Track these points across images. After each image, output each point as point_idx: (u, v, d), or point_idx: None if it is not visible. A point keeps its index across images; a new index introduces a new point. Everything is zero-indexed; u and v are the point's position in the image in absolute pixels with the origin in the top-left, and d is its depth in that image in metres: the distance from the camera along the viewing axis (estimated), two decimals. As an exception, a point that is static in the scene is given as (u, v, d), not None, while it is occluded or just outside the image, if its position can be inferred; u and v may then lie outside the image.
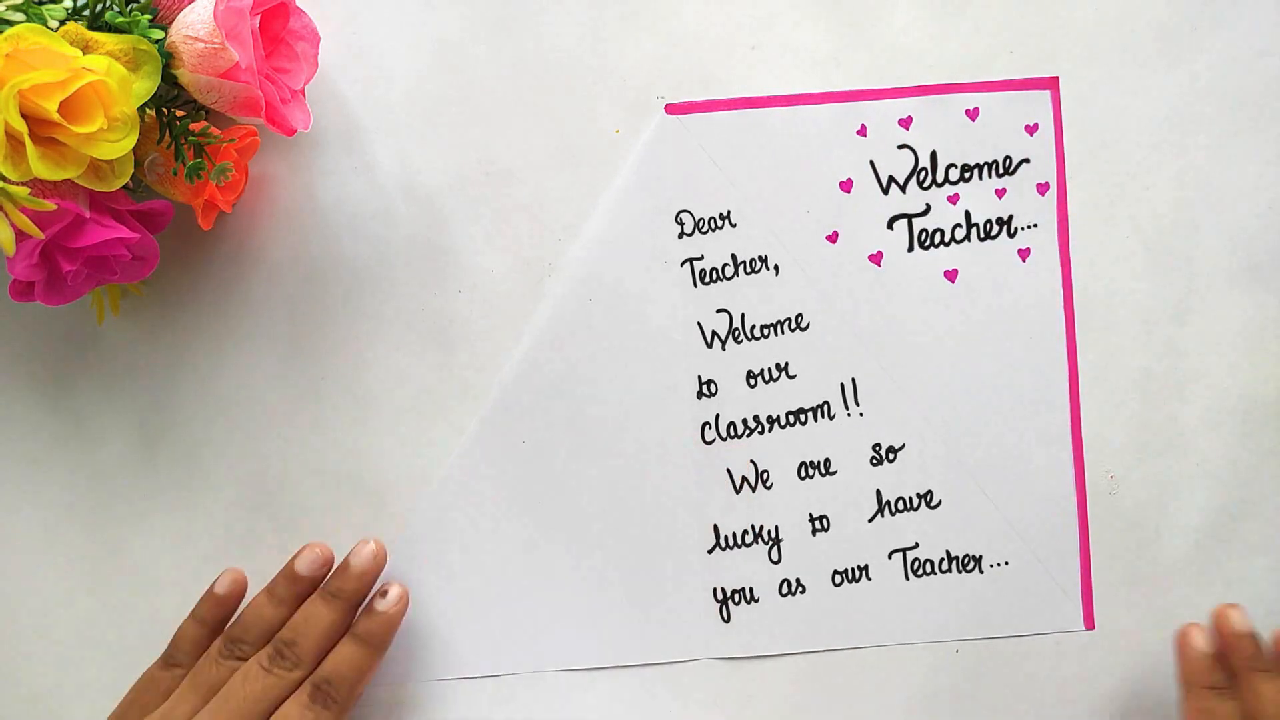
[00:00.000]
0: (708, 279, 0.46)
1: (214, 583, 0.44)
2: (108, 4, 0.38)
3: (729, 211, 0.46)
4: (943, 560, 0.46)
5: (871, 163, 0.46)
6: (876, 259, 0.46)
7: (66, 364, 0.46)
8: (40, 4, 0.37)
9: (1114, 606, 0.47)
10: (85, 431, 0.47)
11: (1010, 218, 0.46)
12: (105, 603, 0.47)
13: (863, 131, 0.46)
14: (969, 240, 0.46)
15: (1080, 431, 0.46)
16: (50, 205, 0.36)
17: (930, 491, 0.46)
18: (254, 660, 0.41)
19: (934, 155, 0.46)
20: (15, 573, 0.47)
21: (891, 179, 0.46)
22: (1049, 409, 0.46)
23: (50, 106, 0.33)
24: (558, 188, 0.46)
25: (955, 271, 0.46)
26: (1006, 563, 0.46)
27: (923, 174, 0.46)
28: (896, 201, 0.46)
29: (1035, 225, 0.46)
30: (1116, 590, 0.47)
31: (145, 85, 0.37)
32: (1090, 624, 0.46)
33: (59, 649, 0.47)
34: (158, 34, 0.38)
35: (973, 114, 0.46)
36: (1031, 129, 0.46)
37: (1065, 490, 0.46)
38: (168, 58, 0.38)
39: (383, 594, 0.43)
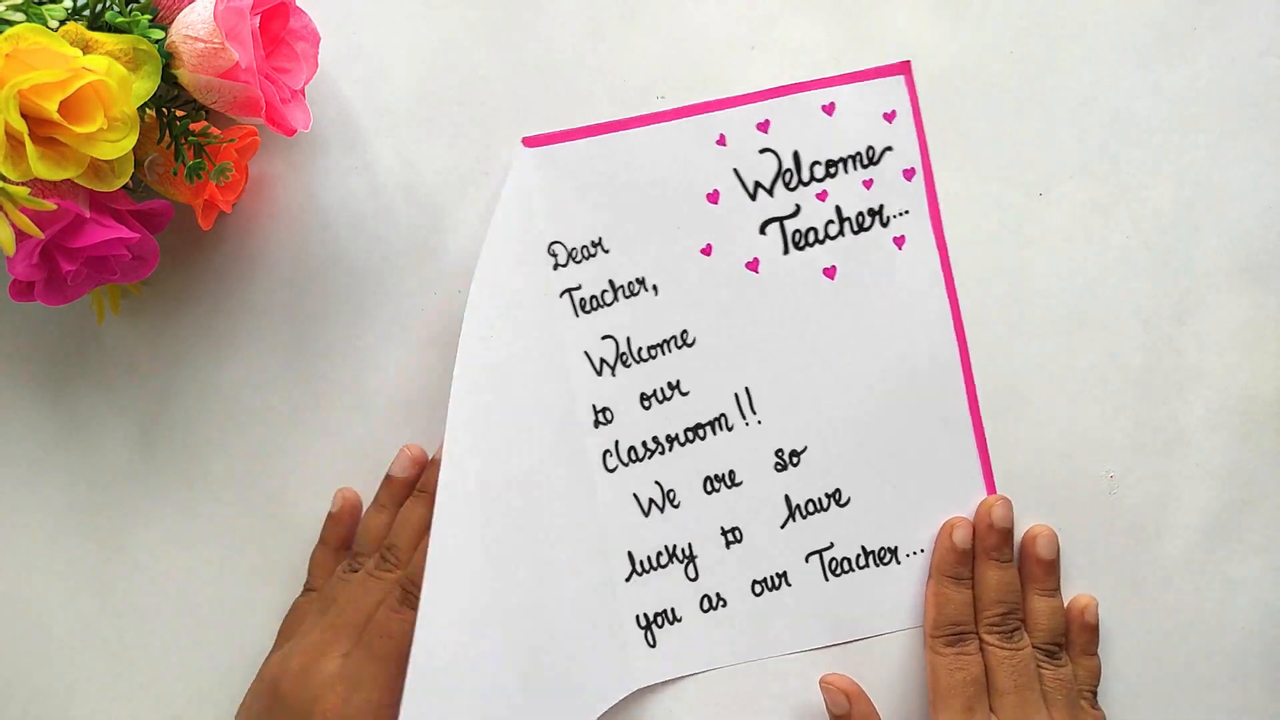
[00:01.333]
0: (588, 307, 0.46)
1: (331, 509, 0.45)
2: (108, 4, 0.38)
3: (600, 238, 0.46)
4: (859, 556, 0.46)
5: (735, 171, 0.46)
6: (754, 266, 0.46)
7: (66, 364, 0.46)
8: (40, 4, 0.37)
9: (1114, 606, 0.47)
10: (85, 431, 0.47)
11: (881, 207, 0.46)
12: (105, 603, 0.47)
13: (722, 141, 0.46)
14: (843, 235, 0.46)
15: (978, 409, 0.46)
16: (50, 205, 0.36)
17: (838, 490, 0.46)
18: (364, 569, 0.43)
19: (796, 156, 0.46)
20: (15, 573, 0.47)
21: (758, 184, 0.46)
22: (944, 392, 0.46)
23: (50, 106, 0.33)
24: (558, 188, 0.46)
25: (834, 268, 0.46)
26: (922, 550, 0.46)
27: (788, 175, 0.46)
28: (766, 206, 0.46)
29: (906, 211, 0.46)
30: (1116, 590, 0.47)
31: (145, 85, 0.37)
32: None
33: (59, 649, 0.47)
34: (158, 34, 0.38)
35: (829, 109, 0.46)
36: (890, 116, 0.46)
37: (971, 470, 0.46)
38: (168, 58, 0.38)
39: None
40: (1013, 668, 0.43)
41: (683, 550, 0.46)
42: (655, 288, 0.46)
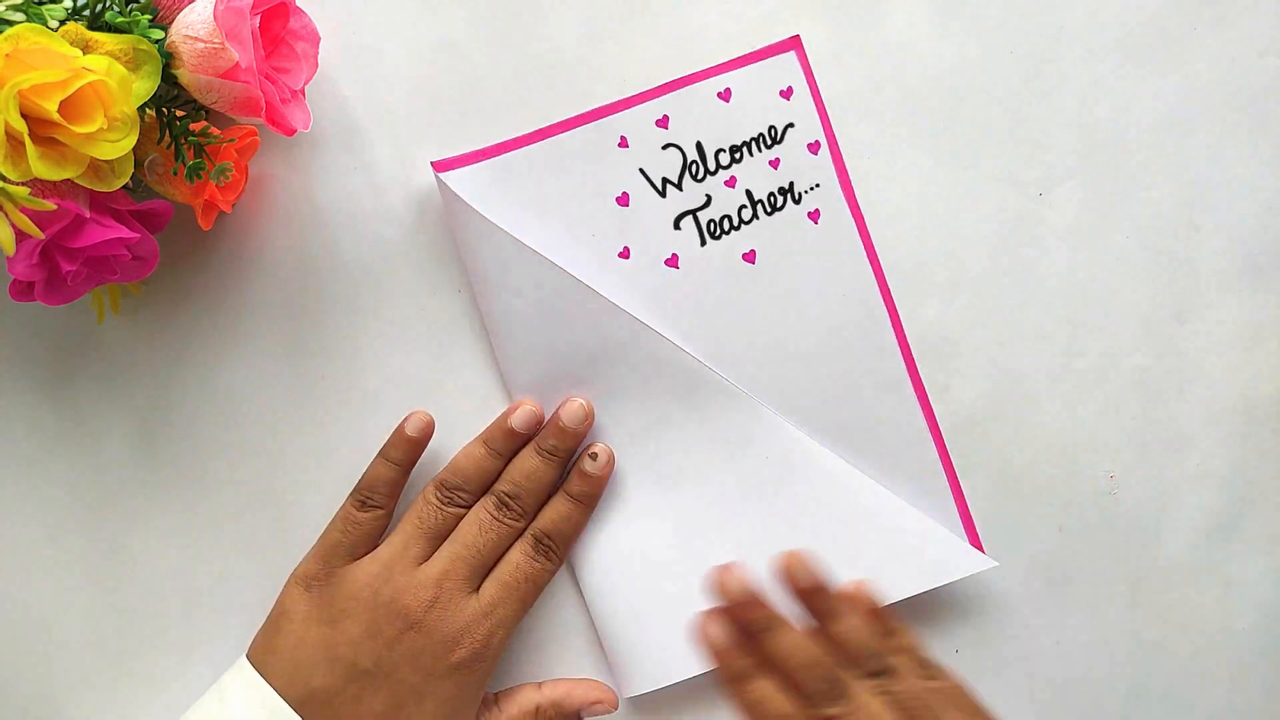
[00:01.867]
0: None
1: (403, 423, 0.45)
2: (108, 4, 0.38)
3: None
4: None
5: (641, 170, 0.46)
6: (673, 262, 0.46)
7: (66, 364, 0.46)
8: (40, 4, 0.37)
9: (1114, 606, 0.47)
10: (85, 431, 0.47)
11: (791, 184, 0.46)
12: (105, 603, 0.47)
13: (624, 143, 0.46)
14: (758, 218, 0.46)
15: (916, 369, 0.46)
16: (50, 205, 0.36)
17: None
18: (481, 508, 0.44)
19: (700, 146, 0.46)
20: (15, 573, 0.47)
21: (666, 180, 0.46)
22: (881, 356, 0.46)
23: (50, 106, 0.33)
24: (558, 188, 0.46)
25: (753, 252, 0.46)
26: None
27: (694, 167, 0.46)
28: (677, 201, 0.46)
29: (817, 185, 0.46)
30: (1116, 590, 0.47)
31: (145, 85, 0.37)
32: (979, 546, 0.46)
33: (59, 649, 0.47)
34: (158, 34, 0.38)
35: (725, 95, 0.46)
36: (786, 93, 0.46)
37: (919, 433, 0.46)
38: (168, 58, 0.38)
39: (592, 455, 0.45)
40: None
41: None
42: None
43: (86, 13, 0.38)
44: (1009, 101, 0.47)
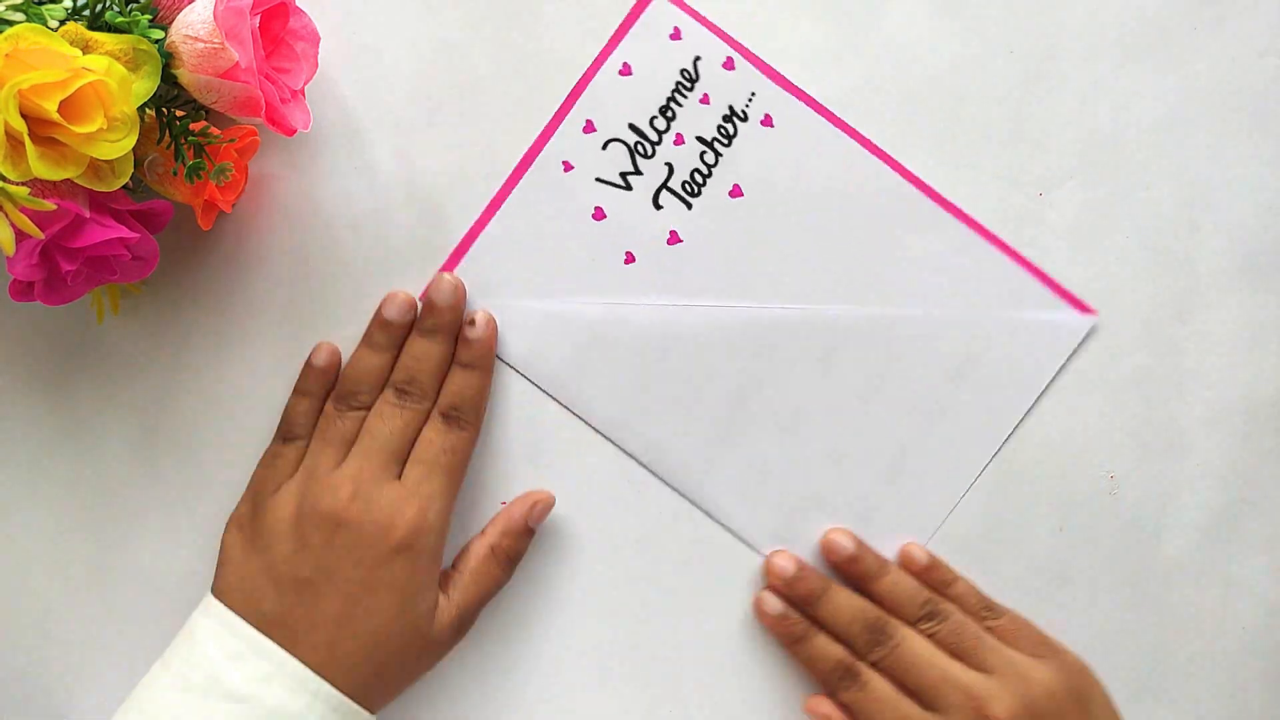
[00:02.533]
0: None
1: (310, 356, 0.45)
2: (108, 4, 0.38)
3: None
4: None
5: (598, 179, 0.46)
6: (674, 239, 0.46)
7: (66, 364, 0.46)
8: (40, 4, 0.37)
9: (1114, 606, 0.47)
10: (85, 431, 0.47)
11: (730, 107, 0.46)
12: (105, 603, 0.47)
13: (568, 166, 0.46)
14: (721, 155, 0.46)
15: (945, 200, 0.46)
16: (50, 205, 0.36)
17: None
18: (381, 401, 0.44)
19: (633, 127, 0.46)
20: (16, 573, 0.47)
21: (623, 174, 0.46)
22: (901, 197, 0.46)
23: (50, 106, 0.33)
24: (558, 188, 0.46)
25: (736, 186, 0.46)
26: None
27: (640, 148, 0.46)
28: (644, 185, 0.46)
29: (753, 94, 0.46)
30: (1116, 590, 0.47)
31: (145, 85, 0.37)
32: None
33: (59, 649, 0.47)
34: (158, 34, 0.38)
35: (626, 70, 0.46)
36: (676, 35, 0.46)
37: (996, 260, 0.46)
38: (168, 58, 0.38)
39: (470, 322, 0.45)
40: (916, 667, 0.43)
41: None
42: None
43: (86, 13, 0.38)
44: (1009, 101, 0.47)
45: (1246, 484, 0.47)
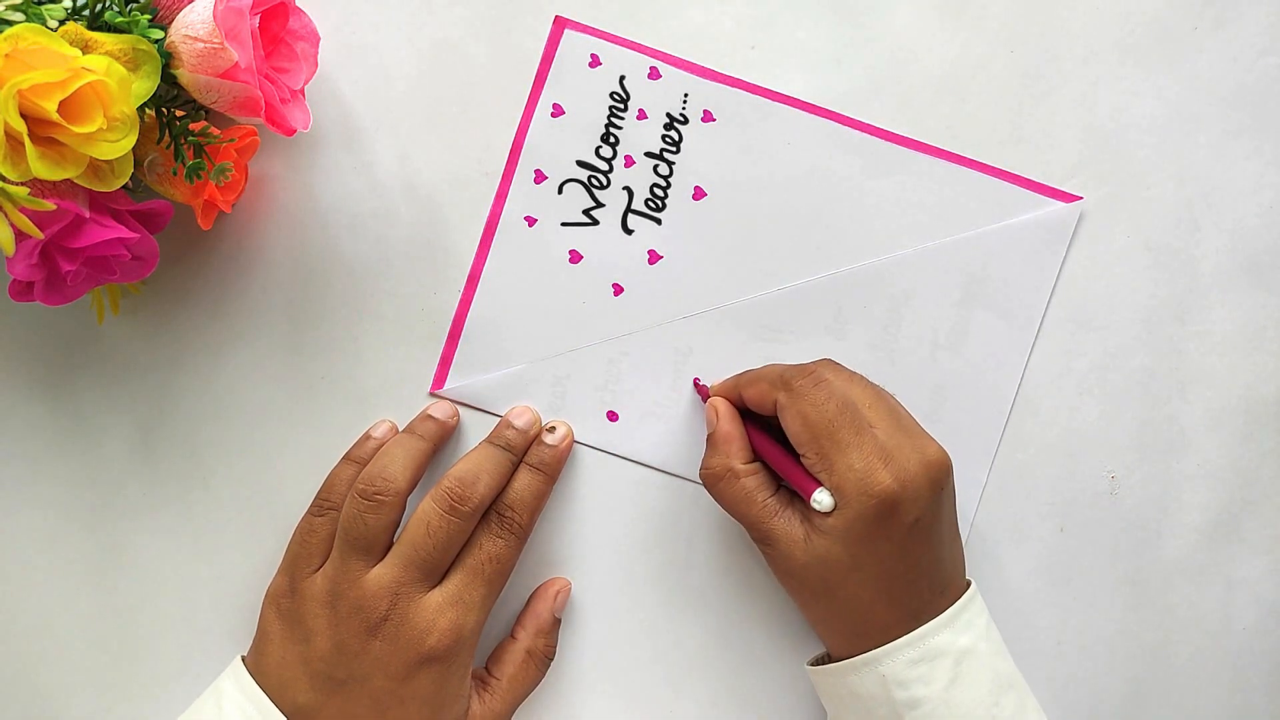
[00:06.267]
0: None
1: (370, 429, 0.46)
2: (108, 4, 0.38)
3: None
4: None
5: (563, 223, 0.46)
6: (653, 258, 0.47)
7: (66, 364, 0.46)
8: (40, 4, 0.37)
9: (1114, 606, 0.47)
10: (85, 431, 0.47)
11: (669, 115, 0.46)
12: (105, 603, 0.47)
13: (530, 221, 0.46)
14: (673, 163, 0.46)
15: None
16: (50, 205, 0.36)
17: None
18: (431, 507, 0.42)
19: (581, 163, 0.46)
20: (15, 573, 0.47)
21: (585, 211, 0.46)
22: (866, 147, 0.46)
23: (50, 106, 0.33)
24: (557, 188, 0.46)
25: (698, 189, 0.46)
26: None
27: (594, 180, 0.46)
28: (609, 215, 0.47)
29: (686, 95, 0.46)
30: (1116, 590, 0.47)
31: (145, 85, 0.37)
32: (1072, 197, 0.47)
33: (60, 649, 0.47)
34: (157, 34, 0.38)
35: (558, 111, 0.46)
36: (594, 62, 0.46)
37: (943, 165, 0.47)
38: (167, 58, 0.38)
39: (550, 429, 0.45)
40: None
41: None
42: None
43: (86, 13, 0.38)
44: (1009, 101, 0.47)
45: (1246, 484, 0.47)
